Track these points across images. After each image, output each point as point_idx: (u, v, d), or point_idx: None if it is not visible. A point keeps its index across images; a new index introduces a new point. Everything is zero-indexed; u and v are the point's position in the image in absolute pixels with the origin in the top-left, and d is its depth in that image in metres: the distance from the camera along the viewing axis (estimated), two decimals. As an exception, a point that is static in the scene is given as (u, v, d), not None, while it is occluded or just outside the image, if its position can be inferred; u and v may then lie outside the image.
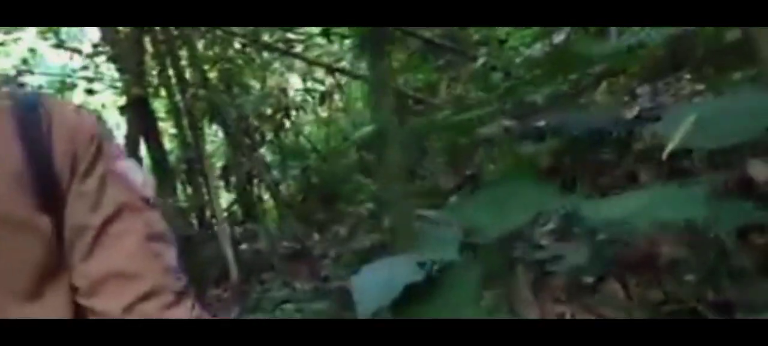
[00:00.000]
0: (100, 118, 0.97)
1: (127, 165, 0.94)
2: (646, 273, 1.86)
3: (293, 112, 7.16)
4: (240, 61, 7.31)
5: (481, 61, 5.00)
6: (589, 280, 1.97)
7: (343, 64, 5.95)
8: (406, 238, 1.77)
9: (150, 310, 0.86)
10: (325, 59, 5.40)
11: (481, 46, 5.39)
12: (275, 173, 7.05)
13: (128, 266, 0.86)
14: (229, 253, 5.57)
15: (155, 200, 0.95)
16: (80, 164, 0.88)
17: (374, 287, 1.39)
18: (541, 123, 4.42)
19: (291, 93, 7.35)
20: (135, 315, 0.85)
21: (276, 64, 7.03)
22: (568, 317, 1.86)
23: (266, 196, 7.55)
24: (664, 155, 1.53)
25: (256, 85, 7.48)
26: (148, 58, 6.85)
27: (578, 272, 1.98)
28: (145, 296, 0.86)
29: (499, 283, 1.78)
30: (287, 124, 7.31)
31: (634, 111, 3.52)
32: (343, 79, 6.62)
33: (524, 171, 1.97)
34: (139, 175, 0.95)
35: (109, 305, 0.85)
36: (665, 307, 1.73)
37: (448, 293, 1.32)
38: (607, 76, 4.65)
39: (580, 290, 1.98)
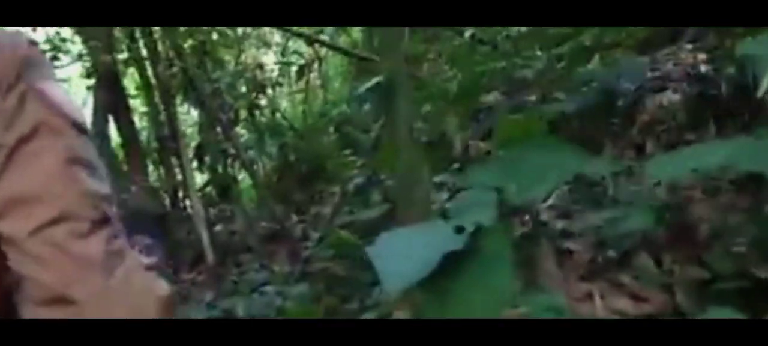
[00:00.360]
0: (34, 43, 0.88)
1: (55, 85, 0.87)
2: (684, 246, 1.71)
3: (269, 89, 6.90)
4: (214, 35, 7.05)
5: (468, 33, 4.82)
6: (613, 254, 1.81)
7: (324, 37, 5.71)
8: (420, 204, 1.58)
9: (58, 236, 0.79)
10: (306, 30, 5.17)
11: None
12: (251, 151, 6.80)
13: (40, 187, 0.80)
14: (204, 234, 5.34)
15: (85, 127, 0.87)
16: (2, 83, 0.82)
17: (404, 260, 1.18)
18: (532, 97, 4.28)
19: (268, 68, 7.08)
20: (41, 240, 0.78)
21: (252, 39, 6.76)
22: (596, 294, 1.70)
23: (242, 175, 7.32)
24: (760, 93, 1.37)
25: (231, 60, 7.21)
26: (117, 30, 6.54)
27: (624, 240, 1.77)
28: (54, 221, 0.79)
29: (523, 256, 1.62)
30: (263, 101, 7.05)
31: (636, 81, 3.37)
32: (323, 52, 6.38)
33: (548, 134, 1.78)
34: (69, 99, 0.88)
35: (14, 227, 0.79)
36: (711, 286, 1.57)
37: (484, 262, 1.13)
38: (601, 49, 4.51)
39: (607, 265, 1.82)
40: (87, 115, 6.31)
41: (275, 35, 7.12)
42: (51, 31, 6.00)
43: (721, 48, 3.18)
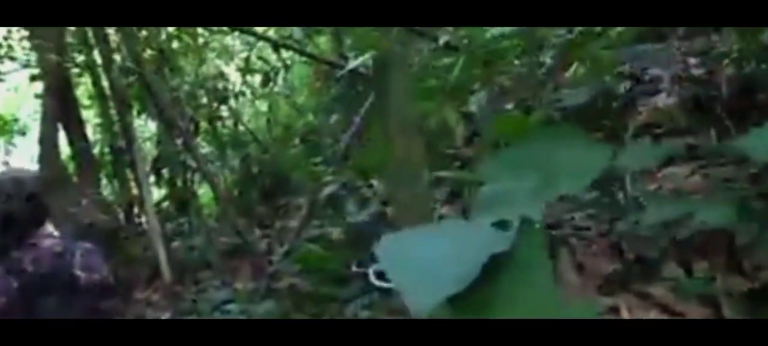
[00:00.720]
0: None
1: None
2: (719, 254, 1.51)
3: (232, 100, 6.61)
4: (174, 44, 6.74)
5: (443, 40, 4.64)
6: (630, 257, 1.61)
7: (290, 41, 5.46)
8: (418, 202, 1.35)
9: None
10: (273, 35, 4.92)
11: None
12: (212, 164, 6.48)
13: None
14: (161, 250, 5.00)
15: None
16: None
17: (432, 270, 0.92)
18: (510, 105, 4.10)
19: (230, 78, 6.79)
20: None
21: (214, 47, 6.48)
22: (622, 307, 1.49)
23: (202, 189, 6.99)
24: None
25: (191, 70, 6.90)
26: (69, 37, 6.19)
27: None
28: None
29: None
30: (225, 111, 6.76)
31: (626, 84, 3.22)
32: (289, 57, 6.12)
33: (566, 127, 1.56)
34: None
35: None
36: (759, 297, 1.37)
37: (524, 265, 0.89)
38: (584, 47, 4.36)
39: (627, 274, 1.62)
40: (36, 128, 5.93)
41: (237, 41, 6.84)
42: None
43: (716, 48, 3.04)
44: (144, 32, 6.18)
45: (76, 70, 6.43)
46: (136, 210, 6.25)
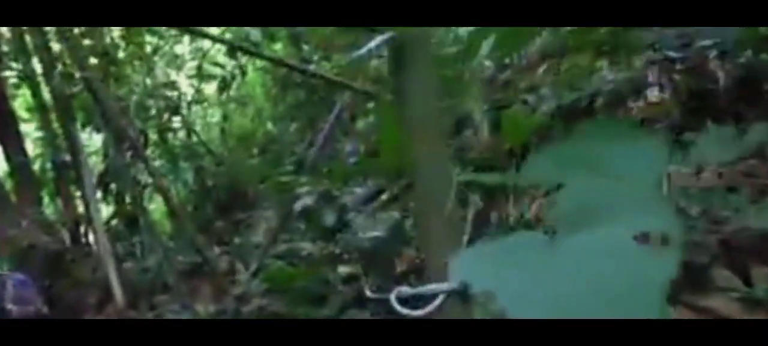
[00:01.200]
0: None
1: None
2: None
3: (184, 109, 6.27)
4: (120, 53, 6.36)
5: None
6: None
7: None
8: (444, 212, 1.12)
9: None
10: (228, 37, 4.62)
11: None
12: (164, 178, 6.11)
13: None
14: (112, 272, 4.63)
15: None
16: None
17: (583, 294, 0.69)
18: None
19: (182, 86, 6.44)
20: None
21: (164, 50, 6.12)
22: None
23: (152, 205, 6.61)
24: None
25: (139, 78, 6.51)
26: (4, 45, 5.76)
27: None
28: None
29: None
30: (177, 122, 6.41)
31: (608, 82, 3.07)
32: (245, 63, 5.81)
33: (614, 122, 1.36)
34: None
35: None
36: None
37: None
38: (548, 57, 4.24)
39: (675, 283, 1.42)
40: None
41: (187, 48, 6.50)
42: None
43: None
44: (87, 41, 5.80)
45: (13, 81, 6.00)
46: (82, 229, 5.83)
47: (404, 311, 1.23)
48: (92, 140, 7.35)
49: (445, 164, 1.23)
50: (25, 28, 5.45)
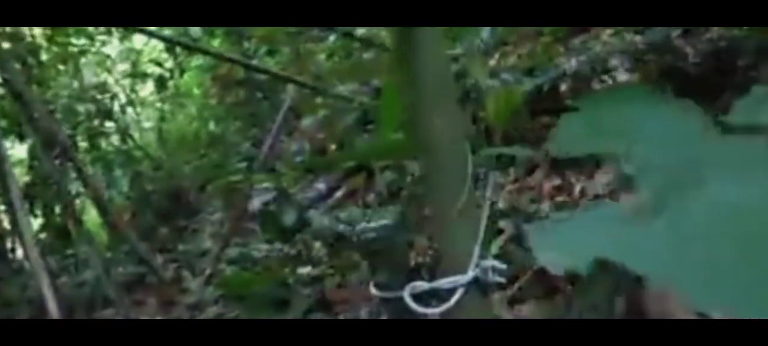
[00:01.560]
0: None
1: None
2: None
3: (117, 112, 5.93)
4: (43, 55, 5.97)
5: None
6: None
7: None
8: (461, 197, 0.99)
9: None
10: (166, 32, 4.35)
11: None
12: (99, 186, 5.75)
13: None
14: (46, 289, 4.28)
15: None
16: None
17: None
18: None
19: (113, 89, 6.09)
20: None
21: (92, 49, 5.77)
22: None
23: (86, 216, 6.23)
24: None
25: (66, 81, 6.13)
26: None
27: None
28: None
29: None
30: (109, 126, 6.06)
31: (571, 64, 3.01)
32: (183, 61, 5.53)
33: (640, 89, 1.25)
34: None
35: None
36: None
37: None
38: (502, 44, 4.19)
39: None
40: None
41: (117, 49, 6.15)
42: None
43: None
44: (6, 44, 5.40)
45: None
46: (9, 245, 5.42)
47: (420, 309, 1.09)
48: (14, 149, 6.89)
49: (461, 140, 1.09)
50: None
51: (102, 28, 5.95)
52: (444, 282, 1.02)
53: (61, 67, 6.21)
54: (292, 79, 4.07)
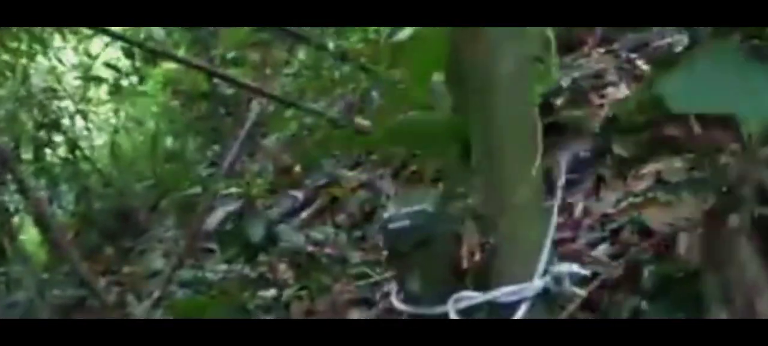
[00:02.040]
0: None
1: None
2: None
3: (65, 121, 5.53)
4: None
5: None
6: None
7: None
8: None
9: None
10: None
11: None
12: (41, 201, 5.30)
13: None
14: (-27, 310, 3.85)
15: None
16: None
17: None
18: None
19: (65, 98, 5.69)
20: None
21: (39, 56, 5.38)
22: None
23: (26, 233, 5.76)
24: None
25: (12, 88, 5.71)
26: None
27: None
28: None
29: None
30: (57, 137, 5.65)
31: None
32: (141, 67, 5.17)
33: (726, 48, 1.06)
34: None
35: None
36: None
37: None
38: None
39: None
40: None
41: (70, 53, 5.77)
42: None
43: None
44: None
45: None
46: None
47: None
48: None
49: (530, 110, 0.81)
50: None
51: (55, 32, 5.57)
52: (503, 293, 0.71)
53: (7, 73, 5.79)
54: (261, 90, 3.76)
